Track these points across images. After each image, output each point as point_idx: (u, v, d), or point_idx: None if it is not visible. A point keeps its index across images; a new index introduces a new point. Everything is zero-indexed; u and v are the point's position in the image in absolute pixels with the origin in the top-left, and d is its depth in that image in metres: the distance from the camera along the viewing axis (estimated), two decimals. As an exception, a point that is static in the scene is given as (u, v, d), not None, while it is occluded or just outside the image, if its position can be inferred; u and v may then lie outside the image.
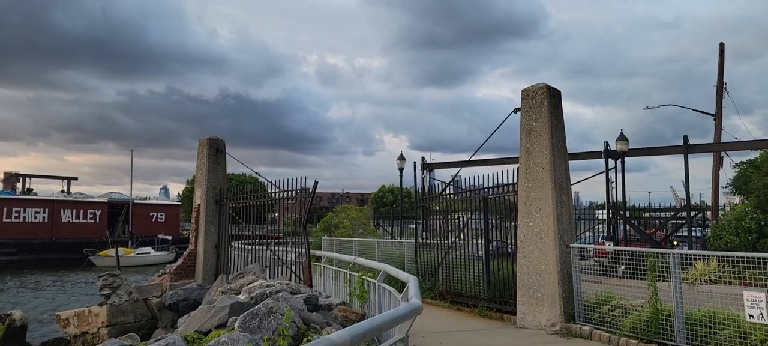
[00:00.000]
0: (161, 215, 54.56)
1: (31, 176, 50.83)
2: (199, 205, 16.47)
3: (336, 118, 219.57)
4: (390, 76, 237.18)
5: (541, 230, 9.90)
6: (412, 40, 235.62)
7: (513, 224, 11.16)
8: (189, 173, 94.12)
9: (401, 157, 27.18)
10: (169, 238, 48.52)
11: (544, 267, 9.76)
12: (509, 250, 11.62)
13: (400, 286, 8.14)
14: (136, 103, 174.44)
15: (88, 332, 12.98)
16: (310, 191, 13.45)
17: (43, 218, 45.83)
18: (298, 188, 13.75)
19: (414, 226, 19.56)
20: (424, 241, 14.65)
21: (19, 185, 48.99)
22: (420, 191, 20.19)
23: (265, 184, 15.79)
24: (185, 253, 16.34)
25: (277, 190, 14.41)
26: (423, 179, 25.89)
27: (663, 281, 7.97)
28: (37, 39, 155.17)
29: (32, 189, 49.36)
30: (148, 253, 45.59)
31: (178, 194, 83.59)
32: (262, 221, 16.15)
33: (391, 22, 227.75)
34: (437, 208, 14.47)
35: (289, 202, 14.18)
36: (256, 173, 18.64)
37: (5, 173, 50.11)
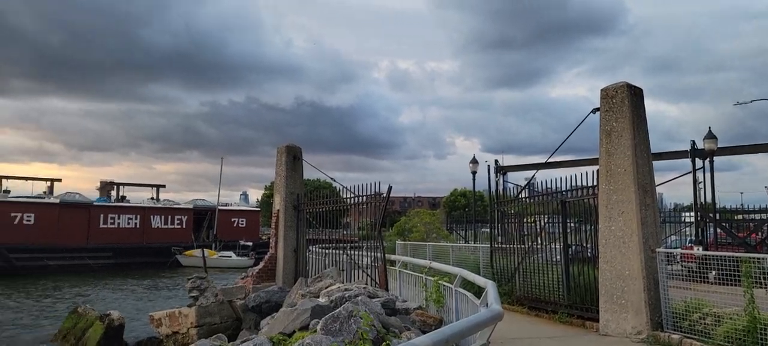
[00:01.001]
0: (242, 220, 56.78)
1: (124, 185, 54.29)
2: (278, 210, 17.04)
3: (407, 122, 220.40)
4: (461, 79, 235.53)
5: (624, 234, 9.56)
6: (483, 42, 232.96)
7: (593, 227, 10.83)
8: (267, 179, 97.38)
9: (474, 161, 26.93)
10: (250, 244, 50.36)
11: (628, 273, 9.41)
12: (589, 254, 11.27)
13: (476, 291, 8.10)
14: (217, 113, 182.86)
15: (178, 331, 13.75)
16: (384, 195, 13.62)
17: (136, 223, 48.91)
18: (372, 192, 13.96)
19: (488, 230, 19.33)
20: (500, 245, 14.46)
21: (113, 193, 52.41)
22: (494, 194, 19.98)
23: (340, 189, 16.13)
24: (266, 256, 16.95)
25: (352, 195, 14.71)
26: (496, 182, 25.54)
27: (760, 287, 7.49)
28: (129, 56, 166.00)
29: (125, 196, 52.66)
30: (230, 256, 47.57)
31: (257, 199, 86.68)
32: (338, 226, 16.51)
33: (461, 24, 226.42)
34: (512, 211, 14.25)
35: (364, 206, 14.43)
36: (331, 178, 19.07)
37: (102, 182, 53.74)
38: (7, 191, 45.11)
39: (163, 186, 56.89)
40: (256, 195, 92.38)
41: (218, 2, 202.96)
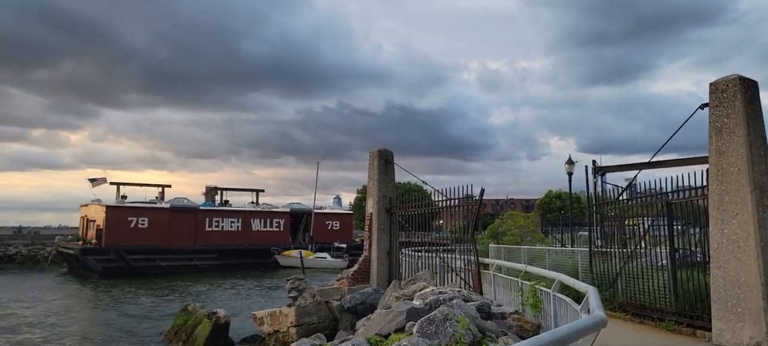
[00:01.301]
0: (336, 223, 58.30)
1: (226, 189, 57.41)
2: (371, 213, 17.35)
3: (498, 123, 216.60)
4: (554, 77, 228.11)
5: (739, 237, 8.88)
6: (578, 38, 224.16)
7: (702, 230, 10.15)
8: (359, 182, 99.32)
9: (570, 161, 26.01)
10: (344, 246, 51.62)
11: (743, 279, 8.74)
12: (697, 258, 10.58)
13: (575, 296, 7.86)
14: (311, 119, 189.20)
15: (279, 330, 14.36)
16: (477, 198, 13.51)
17: (238, 226, 51.63)
18: (464, 195, 13.89)
19: (586, 233, 18.57)
20: (599, 248, 13.90)
21: (217, 198, 55.58)
22: (592, 195, 19.18)
23: (431, 192, 16.17)
24: (360, 259, 17.32)
25: (443, 198, 14.70)
26: (594, 183, 24.49)
27: None
28: (229, 68, 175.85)
29: (228, 201, 55.67)
30: (325, 258, 48.98)
31: (350, 202, 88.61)
32: (429, 229, 16.56)
33: (554, 21, 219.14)
34: (612, 213, 13.65)
35: (455, 209, 14.38)
36: (422, 181, 19.16)
37: (207, 187, 57.18)
38: (124, 197, 49.03)
39: (262, 190, 59.56)
40: (348, 198, 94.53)
41: (312, 13, 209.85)
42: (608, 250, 13.28)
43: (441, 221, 19.08)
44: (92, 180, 49.15)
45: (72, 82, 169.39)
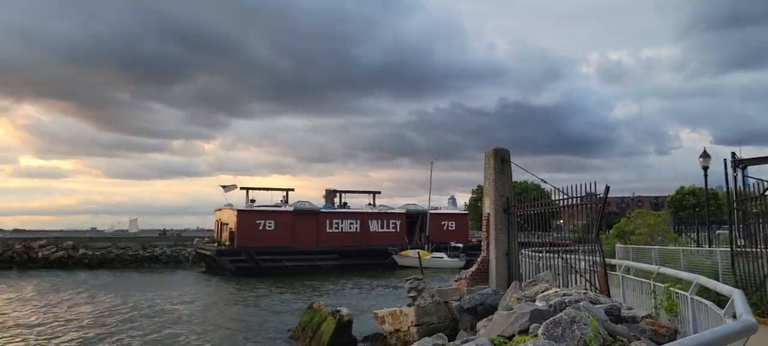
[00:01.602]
0: (451, 223, 58.19)
1: (344, 192, 59.38)
2: (488, 214, 17.13)
3: (621, 116, 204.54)
4: (684, 65, 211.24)
5: None
6: (711, 20, 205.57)
7: None
8: (473, 182, 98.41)
9: (705, 154, 23.91)
10: (461, 245, 51.42)
11: None
12: None
13: (715, 299, 7.28)
14: (424, 120, 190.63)
15: (400, 329, 14.63)
16: (601, 196, 12.88)
17: (356, 227, 53.25)
18: (586, 192, 13.29)
19: (726, 232, 17.02)
20: (742, 248, 12.68)
21: (336, 200, 57.67)
22: (732, 191, 17.51)
23: (550, 190, 15.62)
24: (478, 259, 17.15)
25: (564, 196, 14.16)
26: (734, 177, 22.34)
27: None
28: (345, 74, 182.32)
29: (347, 203, 57.56)
30: (442, 258, 49.06)
31: (465, 203, 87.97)
32: (549, 228, 16.01)
33: (682, 4, 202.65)
34: (757, 210, 12.39)
35: (577, 208, 13.80)
36: (541, 179, 18.59)
37: (326, 190, 59.59)
38: (253, 201, 52.38)
39: (379, 192, 60.88)
40: (463, 198, 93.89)
41: (423, 15, 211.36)
42: (753, 250, 12.08)
43: (560, 221, 18.39)
44: (224, 186, 53.04)
45: (205, 95, 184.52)
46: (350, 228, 53.00)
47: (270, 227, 49.26)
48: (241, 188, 53.73)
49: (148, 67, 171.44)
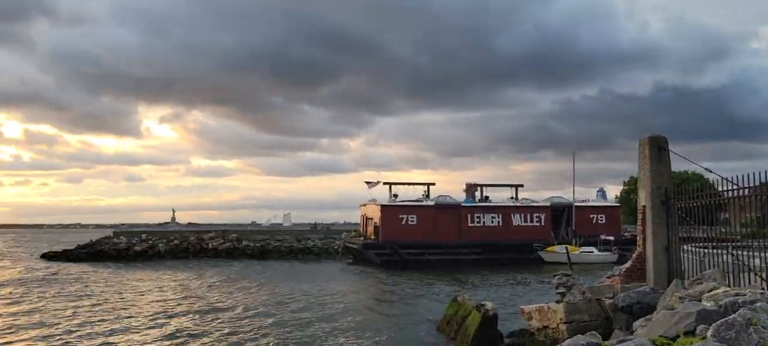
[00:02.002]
0: (601, 217, 55.00)
1: (485, 186, 58.58)
2: (643, 206, 15.98)
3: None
4: None
5: None
6: None
7: None
8: (624, 173, 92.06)
9: None
10: (612, 238, 48.55)
11: None
12: None
13: None
14: (569, 110, 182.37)
15: (548, 326, 14.20)
16: (781, 185, 11.42)
17: (498, 222, 52.40)
18: (761, 182, 11.85)
19: None
20: None
21: (477, 194, 57.13)
22: None
23: (715, 180, 14.16)
24: (634, 256, 16.09)
25: (734, 186, 12.76)
26: None
27: None
28: (485, 66, 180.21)
29: (488, 197, 56.83)
30: (592, 252, 46.62)
31: (616, 195, 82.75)
32: (714, 222, 14.53)
33: None
34: None
35: (749, 199, 12.36)
36: (704, 168, 16.91)
37: (467, 184, 59.17)
38: (395, 196, 53.73)
39: (521, 185, 59.30)
40: (613, 191, 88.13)
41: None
42: None
43: (727, 214, 16.61)
44: (368, 182, 55.08)
45: (349, 95, 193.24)
46: (492, 222, 52.26)
47: (412, 221, 50.21)
48: (384, 183, 55.37)
49: (297, 72, 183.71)
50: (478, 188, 57.52)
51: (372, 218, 52.79)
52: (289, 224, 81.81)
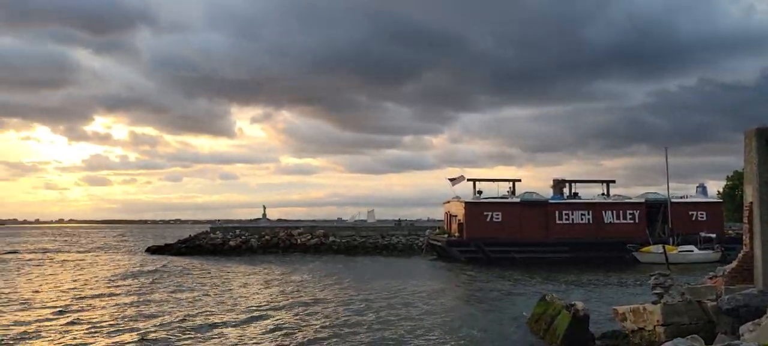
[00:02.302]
0: (702, 214, 51.63)
1: (574, 182, 56.57)
2: (750, 203, 14.95)
3: None
4: None
5: None
6: None
7: None
8: (726, 168, 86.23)
9: None
10: (713, 236, 45.59)
11: None
12: None
13: None
14: (665, 102, 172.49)
15: (644, 328, 13.65)
16: None
17: (588, 219, 50.45)
18: None
19: None
20: None
21: (565, 190, 55.32)
22: None
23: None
24: (739, 255, 15.10)
25: None
26: None
27: None
28: (572, 57, 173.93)
29: (577, 193, 54.90)
30: (691, 251, 44.00)
31: (718, 191, 77.45)
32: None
33: None
34: None
35: None
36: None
37: (554, 180, 57.42)
38: (479, 193, 53.17)
39: (613, 181, 56.83)
40: (716, 186, 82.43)
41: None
42: None
43: None
44: (451, 179, 54.79)
45: (432, 91, 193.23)
46: (582, 220, 50.43)
47: (497, 218, 49.48)
48: (468, 180, 54.91)
49: (380, 70, 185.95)
50: (567, 185, 55.69)
51: (456, 215, 52.56)
52: (373, 221, 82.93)
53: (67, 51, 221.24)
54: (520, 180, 56.88)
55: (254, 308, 23.86)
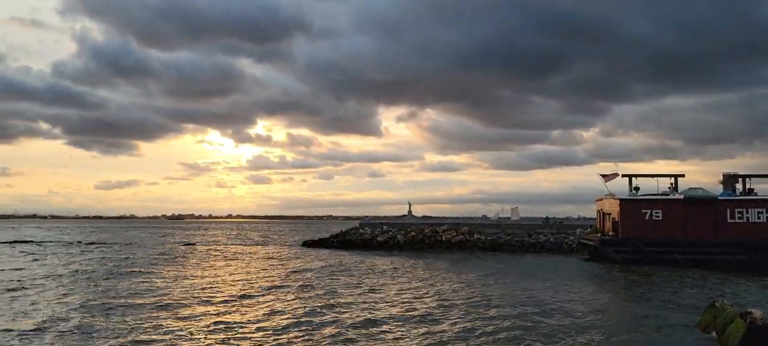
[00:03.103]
0: None
1: (749, 176, 50.76)
2: None
3: None
4: None
5: None
6: None
7: None
8: None
9: None
10: None
11: None
12: None
13: None
14: None
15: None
16: None
17: (766, 218, 45.19)
18: None
19: None
20: None
21: (738, 186, 49.99)
22: None
23: None
24: None
25: None
26: None
27: None
28: (746, 39, 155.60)
29: (752, 189, 49.36)
30: None
31: None
32: None
33: None
34: None
35: None
36: None
37: (724, 175, 51.97)
38: (636, 189, 49.96)
39: (803, 176, 50.23)
40: None
41: None
42: None
43: None
44: (604, 175, 52.04)
45: (581, 82, 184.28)
46: (759, 219, 45.21)
47: (657, 216, 46.18)
48: (622, 176, 51.80)
49: (526, 63, 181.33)
50: (740, 180, 50.29)
51: (610, 213, 49.91)
52: (517, 219, 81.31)
53: (232, 61, 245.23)
54: (683, 175, 52.19)
55: (423, 306, 24.83)
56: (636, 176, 51.63)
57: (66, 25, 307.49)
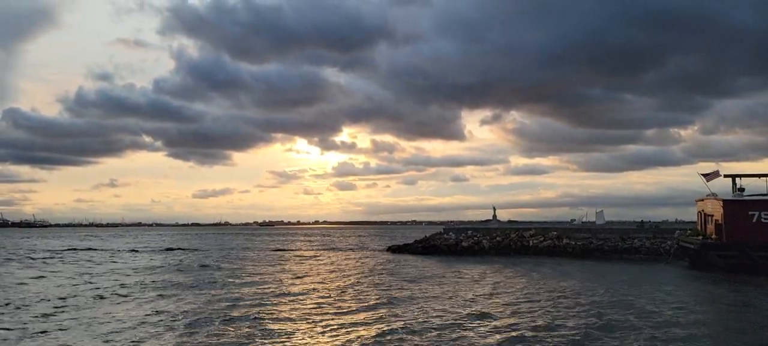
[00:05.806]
0: None
1: None
2: None
3: None
4: None
5: None
6: None
7: None
8: None
9: None
10: None
11: None
12: None
13: None
14: None
15: None
16: None
17: None
18: None
19: None
20: None
21: None
22: None
23: None
24: None
25: None
26: None
27: None
28: None
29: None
30: None
31: None
32: None
33: None
34: None
35: None
36: None
37: (843, 174, 47.50)
38: (741, 190, 46.67)
39: None
40: None
41: None
42: None
43: None
44: (705, 175, 48.99)
45: (678, 77, 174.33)
46: None
47: (766, 219, 42.90)
48: (725, 176, 48.54)
49: (616, 59, 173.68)
50: None
51: (712, 215, 46.87)
52: (602, 222, 77.77)
53: (318, 71, 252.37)
54: (795, 175, 48.21)
55: (499, 306, 24.68)
56: (740, 175, 48.15)
57: (165, 43, 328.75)
